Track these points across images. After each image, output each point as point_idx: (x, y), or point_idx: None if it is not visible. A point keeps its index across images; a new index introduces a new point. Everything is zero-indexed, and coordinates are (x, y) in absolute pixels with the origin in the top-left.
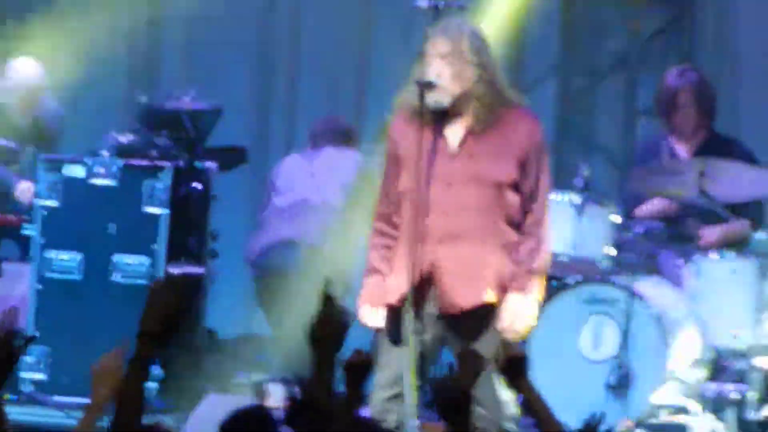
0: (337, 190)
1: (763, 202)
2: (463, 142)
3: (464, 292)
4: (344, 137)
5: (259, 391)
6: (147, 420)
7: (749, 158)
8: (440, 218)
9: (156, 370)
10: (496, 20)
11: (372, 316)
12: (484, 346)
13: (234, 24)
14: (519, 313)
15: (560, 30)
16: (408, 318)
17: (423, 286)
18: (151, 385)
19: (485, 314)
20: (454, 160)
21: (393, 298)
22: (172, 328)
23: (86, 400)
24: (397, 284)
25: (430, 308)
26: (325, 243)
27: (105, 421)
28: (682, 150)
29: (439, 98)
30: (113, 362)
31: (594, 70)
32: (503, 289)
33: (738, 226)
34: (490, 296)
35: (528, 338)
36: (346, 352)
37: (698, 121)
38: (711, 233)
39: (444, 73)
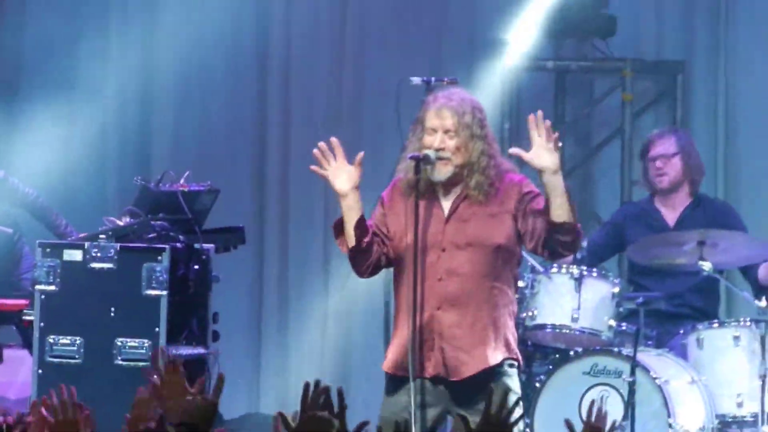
0: None
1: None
2: (455, 208)
3: (464, 359)
4: None
5: None
6: None
7: (737, 221)
8: (436, 284)
9: None
10: (488, 94)
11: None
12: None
13: (226, 106)
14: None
15: (554, 103)
16: (412, 389)
17: (423, 353)
18: None
19: (487, 378)
20: (447, 226)
21: (390, 367)
22: (209, 419)
23: None
24: (395, 352)
25: (432, 375)
26: None
27: None
28: (670, 215)
29: (441, 171)
30: None
31: (589, 141)
32: (508, 349)
33: None
34: (492, 359)
35: (531, 411)
36: None
37: (683, 183)
38: None
39: (448, 145)
